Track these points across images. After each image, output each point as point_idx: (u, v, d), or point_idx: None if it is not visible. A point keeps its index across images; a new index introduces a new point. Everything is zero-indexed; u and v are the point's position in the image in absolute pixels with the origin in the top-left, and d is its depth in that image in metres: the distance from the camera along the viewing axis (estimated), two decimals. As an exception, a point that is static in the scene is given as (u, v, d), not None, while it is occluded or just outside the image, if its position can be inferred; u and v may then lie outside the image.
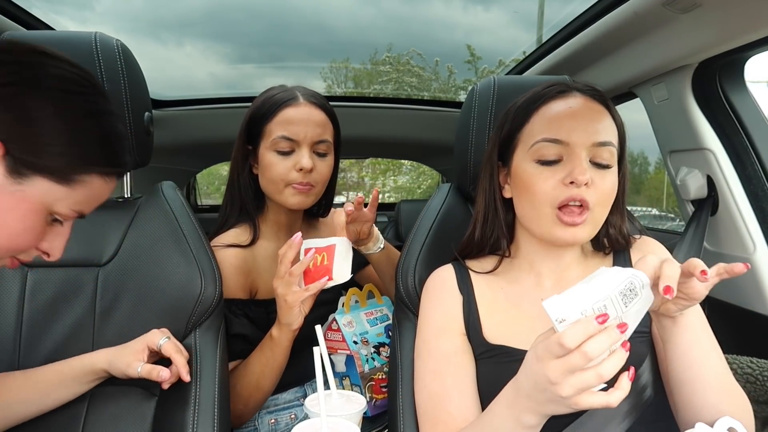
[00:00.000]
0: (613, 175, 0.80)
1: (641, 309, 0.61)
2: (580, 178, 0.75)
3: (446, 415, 0.80)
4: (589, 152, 0.78)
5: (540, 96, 0.83)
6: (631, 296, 0.59)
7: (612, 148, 0.79)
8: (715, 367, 0.72)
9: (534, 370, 0.59)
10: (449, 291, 0.89)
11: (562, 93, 0.82)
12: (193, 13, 11.08)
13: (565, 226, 0.77)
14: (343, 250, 1.01)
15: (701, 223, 1.27)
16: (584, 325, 0.55)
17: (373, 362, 1.23)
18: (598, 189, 0.77)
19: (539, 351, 0.59)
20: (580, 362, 0.55)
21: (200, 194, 3.01)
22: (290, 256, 0.98)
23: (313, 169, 1.11)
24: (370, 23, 14.39)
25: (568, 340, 0.55)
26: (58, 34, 1.04)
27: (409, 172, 12.95)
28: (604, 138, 0.78)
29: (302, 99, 1.12)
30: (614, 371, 0.56)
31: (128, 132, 0.99)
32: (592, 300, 0.57)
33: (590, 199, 0.76)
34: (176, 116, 2.00)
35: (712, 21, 1.02)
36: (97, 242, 1.00)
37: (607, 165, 0.79)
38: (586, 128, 0.78)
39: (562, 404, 0.58)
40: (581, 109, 0.80)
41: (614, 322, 0.56)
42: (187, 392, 0.90)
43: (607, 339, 0.55)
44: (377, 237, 1.18)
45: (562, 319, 0.57)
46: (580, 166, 0.76)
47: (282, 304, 1.00)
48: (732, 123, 1.25)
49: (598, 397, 0.57)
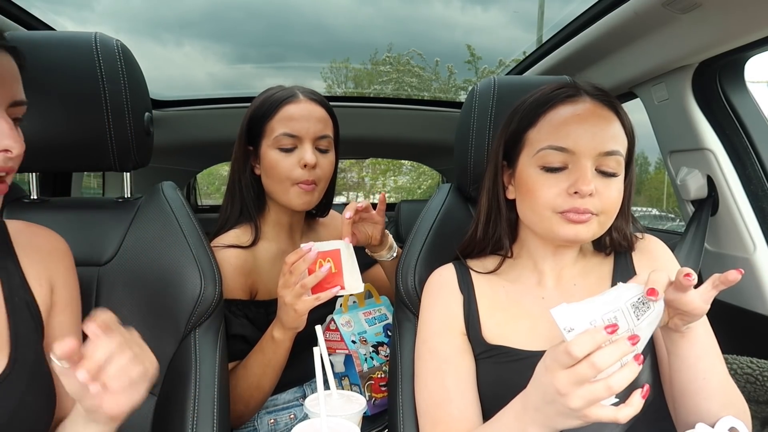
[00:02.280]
0: (619, 183, 0.79)
1: (653, 322, 0.60)
2: (584, 188, 0.74)
3: (446, 415, 0.80)
4: (595, 161, 0.77)
5: (549, 99, 0.82)
6: (644, 309, 0.59)
7: (619, 157, 0.78)
8: (719, 379, 0.72)
9: (543, 381, 0.58)
10: (450, 290, 0.88)
11: (570, 97, 0.80)
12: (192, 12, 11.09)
13: (569, 223, 0.77)
14: (348, 256, 1.00)
15: (702, 224, 1.27)
16: (592, 334, 0.54)
17: (371, 361, 1.23)
18: (603, 198, 0.76)
19: (548, 361, 0.58)
20: (588, 373, 0.54)
21: (200, 194, 3.01)
22: (302, 268, 0.96)
23: (317, 165, 1.11)
24: (370, 23, 14.40)
25: (575, 349, 0.54)
26: (58, 34, 1.04)
27: (409, 172, 12.97)
28: (611, 147, 0.77)
29: (302, 96, 1.13)
30: (625, 384, 0.55)
31: (129, 134, 0.99)
32: (603, 311, 0.57)
33: (594, 208, 0.76)
34: (176, 116, 2.00)
35: (712, 21, 1.02)
36: (97, 242, 1.00)
37: (613, 174, 0.78)
38: (593, 137, 0.77)
39: (572, 416, 0.57)
40: (589, 116, 0.78)
41: (625, 334, 0.56)
42: (187, 392, 0.90)
43: (617, 350, 0.54)
44: (391, 245, 1.18)
45: (571, 328, 0.56)
46: (585, 177, 0.75)
47: (290, 312, 0.98)
48: (732, 123, 1.25)
49: (608, 411, 0.56)
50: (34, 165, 1.02)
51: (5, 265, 0.75)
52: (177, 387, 0.90)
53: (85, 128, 0.97)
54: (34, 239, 0.80)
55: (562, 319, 0.57)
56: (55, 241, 0.82)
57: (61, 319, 0.79)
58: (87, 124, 0.97)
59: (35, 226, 0.82)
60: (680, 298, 0.63)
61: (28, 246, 0.78)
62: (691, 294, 0.62)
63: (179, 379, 0.91)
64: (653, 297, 0.58)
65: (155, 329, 0.95)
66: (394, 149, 2.89)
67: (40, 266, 0.78)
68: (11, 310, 0.73)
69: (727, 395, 0.72)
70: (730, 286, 0.62)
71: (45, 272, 0.78)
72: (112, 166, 1.03)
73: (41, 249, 0.79)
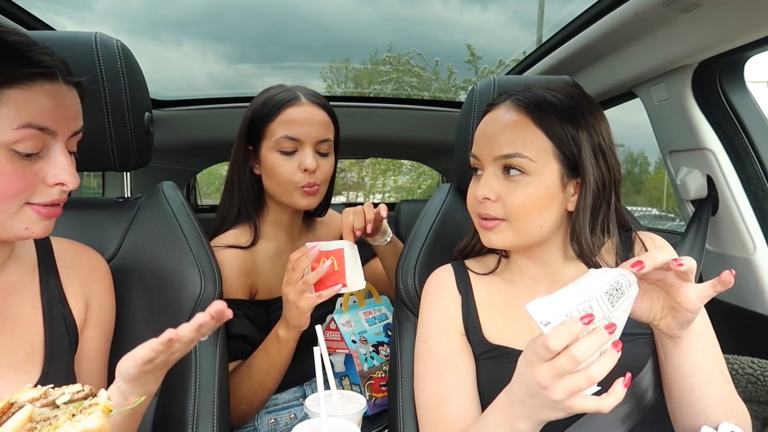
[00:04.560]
0: (529, 186, 0.77)
1: (628, 307, 0.60)
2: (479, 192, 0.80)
3: (446, 415, 0.80)
4: (497, 165, 0.79)
5: None
6: (618, 296, 0.58)
7: (527, 161, 0.77)
8: (717, 390, 0.70)
9: (525, 375, 0.59)
10: (448, 291, 0.89)
11: (494, 106, 0.85)
12: (191, 12, 11.09)
13: (483, 230, 0.83)
14: (351, 255, 1.01)
15: (702, 224, 1.27)
16: (569, 326, 0.54)
17: (372, 361, 1.23)
18: (506, 203, 0.78)
19: (528, 355, 0.58)
20: (568, 365, 0.54)
21: (200, 194, 3.01)
22: (304, 264, 0.97)
23: (317, 168, 1.11)
24: (370, 23, 14.41)
25: (553, 342, 0.54)
26: (58, 34, 1.04)
27: (409, 172, 12.96)
28: (507, 151, 0.78)
29: (304, 99, 1.12)
30: (605, 372, 0.55)
31: (129, 134, 0.99)
32: (577, 301, 0.57)
33: (496, 213, 0.79)
34: (176, 116, 2.00)
35: (712, 21, 1.02)
36: (97, 242, 1.00)
37: (517, 172, 0.78)
38: (492, 141, 0.80)
39: (555, 408, 0.58)
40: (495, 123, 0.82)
41: (602, 323, 0.56)
42: (187, 392, 0.90)
43: (595, 340, 0.54)
44: (385, 229, 1.18)
45: (547, 321, 0.56)
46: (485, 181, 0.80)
47: (293, 310, 0.99)
48: (732, 123, 1.25)
49: (590, 402, 0.56)
50: (34, 165, 1.02)
51: (47, 280, 0.79)
52: (177, 387, 0.90)
53: (85, 128, 0.97)
54: (76, 258, 0.84)
55: (537, 313, 0.57)
56: (96, 262, 0.88)
57: (92, 335, 0.83)
58: (87, 123, 0.96)
59: (79, 245, 0.87)
60: (677, 287, 0.63)
61: (70, 263, 0.83)
62: (689, 287, 0.62)
63: (179, 379, 0.91)
64: (636, 268, 0.59)
65: (155, 329, 0.94)
66: (394, 149, 2.89)
67: (79, 284, 0.82)
68: (48, 324, 0.76)
69: (725, 406, 0.71)
70: (730, 287, 0.61)
71: (82, 289, 0.83)
72: (112, 166, 1.03)
73: (82, 267, 0.84)
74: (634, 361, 0.75)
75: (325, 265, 0.98)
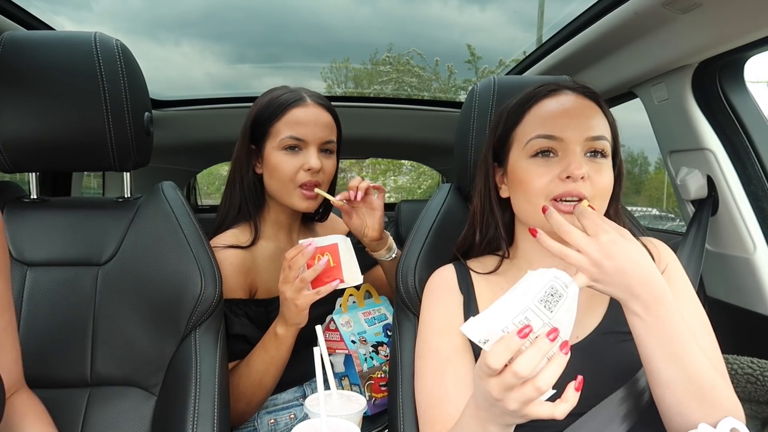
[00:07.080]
0: (609, 167, 0.80)
1: (571, 306, 0.59)
2: (576, 172, 0.75)
3: (446, 415, 0.80)
4: (583, 147, 0.78)
5: (532, 96, 0.83)
6: (555, 300, 0.57)
7: (605, 141, 0.79)
8: (683, 377, 0.66)
9: (480, 387, 0.59)
10: (450, 291, 0.88)
11: (553, 92, 0.82)
12: (190, 12, 11.06)
13: (564, 213, 0.74)
14: (346, 249, 1.01)
15: (702, 224, 1.27)
16: (506, 343, 0.54)
17: (371, 361, 1.23)
18: (594, 183, 0.77)
19: (477, 370, 0.59)
20: (513, 381, 0.54)
21: (200, 194, 3.01)
22: (300, 262, 0.98)
23: (321, 168, 1.12)
24: (370, 23, 14.40)
25: (493, 361, 0.54)
26: (58, 34, 1.04)
27: (409, 172, 12.95)
28: (597, 132, 0.78)
29: (309, 100, 1.13)
30: (553, 380, 0.55)
31: (129, 134, 0.99)
32: (512, 315, 0.56)
33: (587, 192, 0.76)
34: (176, 116, 2.00)
35: (712, 21, 1.02)
36: (96, 242, 1.00)
37: (603, 153, 0.79)
38: (579, 124, 0.78)
39: (515, 416, 0.58)
40: (573, 106, 0.80)
41: (543, 331, 0.55)
42: (187, 392, 0.90)
43: (537, 352, 0.54)
44: (391, 245, 1.19)
45: (486, 339, 0.56)
46: (576, 161, 0.76)
47: (291, 308, 0.99)
48: (732, 123, 1.25)
49: (544, 409, 0.56)
50: (34, 165, 1.02)
51: None
52: (177, 387, 0.90)
53: (85, 128, 0.97)
54: None
55: (473, 334, 0.56)
56: None
57: None
58: (87, 123, 0.97)
59: None
60: None
61: None
62: None
63: (179, 379, 0.91)
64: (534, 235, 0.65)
65: (155, 329, 0.95)
66: (394, 149, 2.89)
67: None
68: None
69: (699, 394, 0.66)
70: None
71: None
72: (112, 166, 1.03)
73: None
74: (631, 360, 0.75)
75: (321, 262, 0.98)
